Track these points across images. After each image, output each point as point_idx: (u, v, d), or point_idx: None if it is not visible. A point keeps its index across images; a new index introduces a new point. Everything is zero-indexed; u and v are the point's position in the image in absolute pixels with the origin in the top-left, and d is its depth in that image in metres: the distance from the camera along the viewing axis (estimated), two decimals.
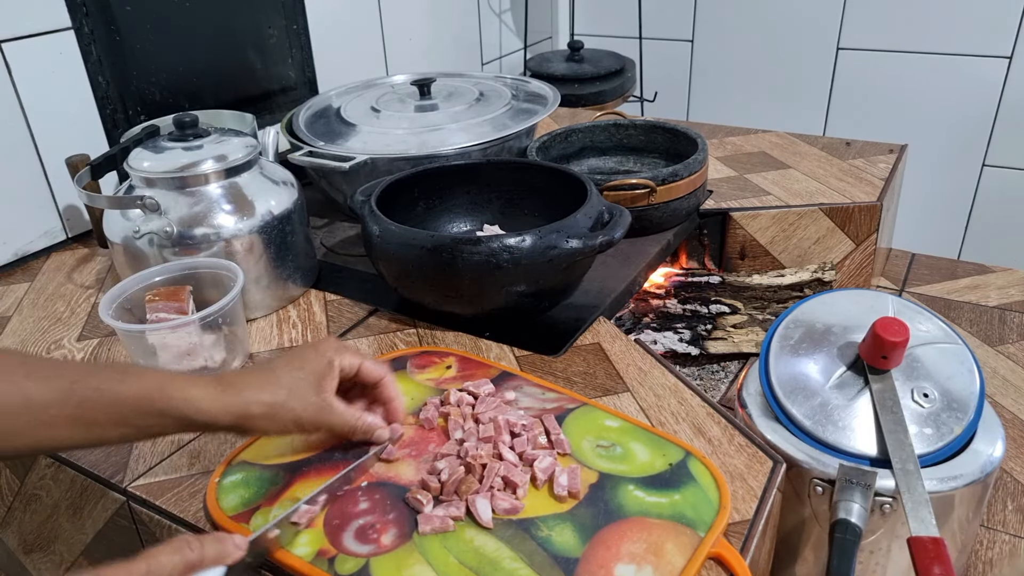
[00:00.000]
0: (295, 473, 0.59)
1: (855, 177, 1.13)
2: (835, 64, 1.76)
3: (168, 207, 0.78)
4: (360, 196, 0.84)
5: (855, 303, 0.73)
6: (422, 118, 1.06)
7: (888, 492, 0.61)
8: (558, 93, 1.13)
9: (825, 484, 0.63)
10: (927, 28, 1.63)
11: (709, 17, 1.86)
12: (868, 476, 0.61)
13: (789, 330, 0.72)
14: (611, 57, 1.80)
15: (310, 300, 0.88)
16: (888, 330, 0.64)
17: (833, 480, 0.62)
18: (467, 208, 0.94)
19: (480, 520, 0.54)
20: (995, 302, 1.09)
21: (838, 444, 0.64)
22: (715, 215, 1.06)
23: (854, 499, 0.61)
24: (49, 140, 0.99)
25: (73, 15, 0.98)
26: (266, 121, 1.20)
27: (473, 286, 0.75)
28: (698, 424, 0.66)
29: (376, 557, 0.52)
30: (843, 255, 1.07)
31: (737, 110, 1.91)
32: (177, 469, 0.63)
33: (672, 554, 0.51)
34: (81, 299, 0.92)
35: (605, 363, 0.74)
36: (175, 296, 0.73)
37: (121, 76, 1.05)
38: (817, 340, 0.70)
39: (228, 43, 1.17)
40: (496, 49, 1.84)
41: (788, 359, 0.69)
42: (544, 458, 0.58)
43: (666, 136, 1.10)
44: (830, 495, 0.63)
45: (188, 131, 0.83)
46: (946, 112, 1.68)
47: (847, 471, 0.61)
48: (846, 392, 0.66)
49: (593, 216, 0.78)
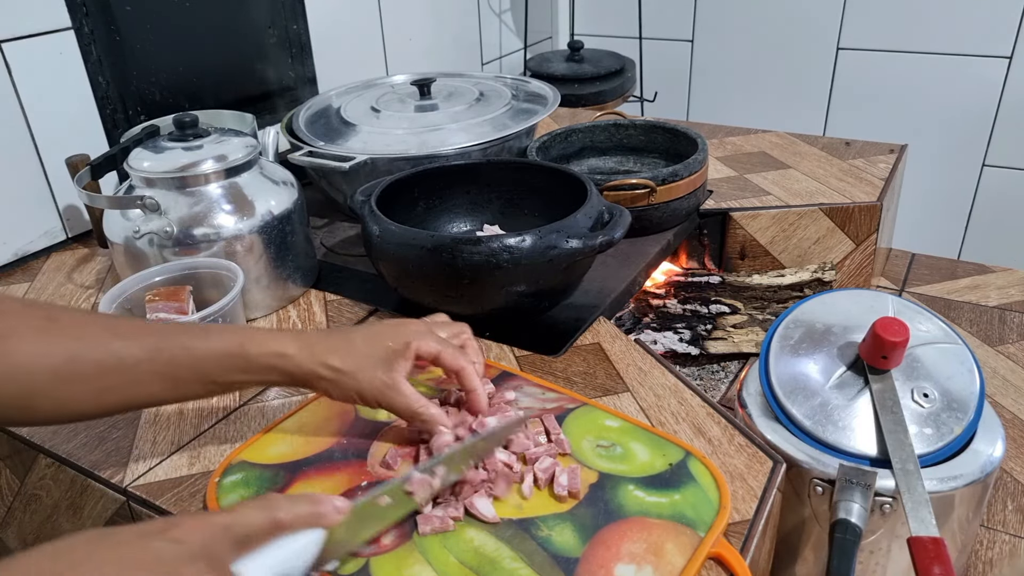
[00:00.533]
0: (295, 473, 0.59)
1: (855, 177, 1.13)
2: (835, 64, 1.76)
3: (168, 207, 0.78)
4: (360, 196, 0.84)
5: (855, 303, 0.73)
6: (422, 118, 1.06)
7: (888, 492, 0.61)
8: (558, 93, 1.13)
9: (825, 484, 0.63)
10: (927, 28, 1.63)
11: (709, 17, 1.86)
12: (868, 476, 0.61)
13: (789, 330, 0.72)
14: (611, 57, 1.80)
15: (310, 300, 0.88)
16: (888, 330, 0.64)
17: (833, 480, 0.62)
18: (467, 208, 0.94)
19: (485, 518, 0.54)
20: (995, 302, 1.09)
21: (838, 444, 0.64)
22: (715, 215, 1.06)
23: (854, 499, 0.61)
24: (49, 140, 0.99)
25: (73, 15, 0.98)
26: (266, 121, 1.20)
27: (473, 286, 0.75)
28: (698, 424, 0.66)
29: (376, 557, 0.52)
30: (843, 255, 1.07)
31: (737, 110, 1.91)
32: (177, 469, 0.63)
33: (672, 554, 0.51)
34: (81, 299, 0.92)
35: (605, 363, 0.74)
36: (175, 296, 0.73)
37: (121, 76, 1.05)
38: (817, 340, 0.70)
39: (228, 43, 1.17)
40: (496, 49, 1.84)
41: (788, 359, 0.69)
42: (544, 459, 0.58)
43: (666, 136, 1.10)
44: (830, 495, 0.63)
45: (188, 131, 0.83)
46: (946, 112, 1.68)
47: (847, 471, 0.61)
48: (846, 392, 0.66)
49: (593, 216, 0.78)
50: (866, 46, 1.71)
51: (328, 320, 0.84)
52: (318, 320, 0.84)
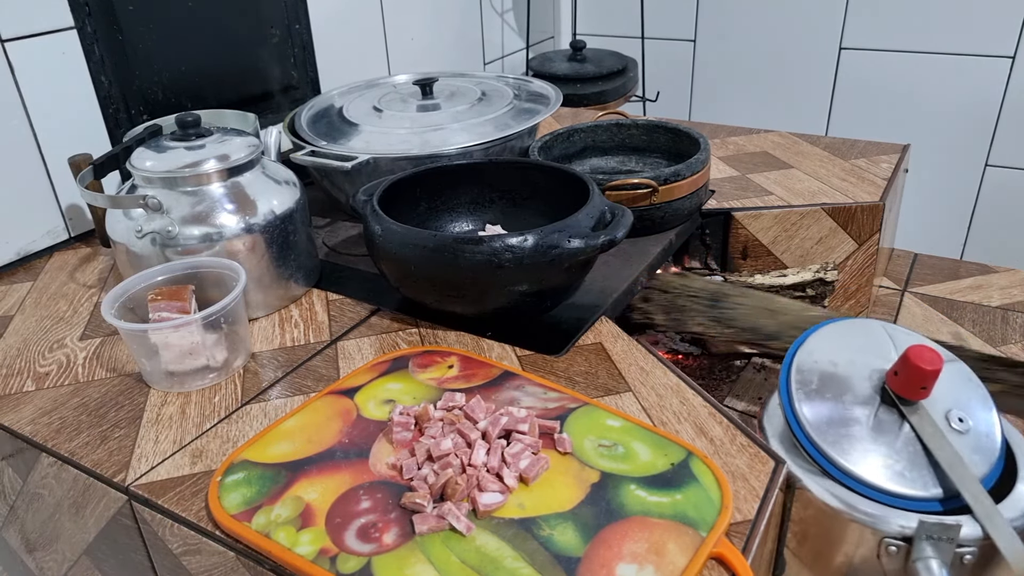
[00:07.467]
0: (297, 472, 0.59)
1: (857, 177, 1.13)
2: (837, 64, 1.76)
3: (170, 206, 0.79)
4: (362, 196, 0.84)
5: (848, 335, 0.70)
6: (424, 118, 1.06)
7: (968, 541, 0.56)
8: (560, 93, 1.13)
9: (899, 543, 0.57)
10: (930, 28, 1.63)
11: (711, 17, 1.86)
12: (952, 530, 0.55)
13: (804, 376, 0.67)
14: (613, 57, 1.80)
15: (312, 299, 0.89)
16: (924, 359, 0.60)
17: (909, 537, 0.57)
18: (469, 208, 0.94)
19: (483, 508, 0.54)
20: (998, 302, 1.09)
21: (903, 492, 0.58)
22: (717, 215, 1.06)
23: (935, 555, 0.55)
24: (52, 139, 0.99)
25: (76, 15, 0.98)
26: (268, 121, 1.20)
27: (475, 286, 0.75)
28: (700, 424, 0.66)
29: (378, 556, 0.52)
30: (846, 255, 1.07)
31: (739, 110, 1.91)
32: (179, 468, 0.64)
33: (674, 554, 0.51)
34: (83, 298, 0.92)
35: (607, 363, 0.74)
36: (177, 295, 0.73)
37: (124, 76, 1.05)
38: (839, 382, 0.66)
39: (230, 43, 1.18)
40: (498, 49, 1.84)
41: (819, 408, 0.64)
42: (525, 457, 0.58)
43: (668, 136, 1.10)
44: (905, 554, 0.57)
45: (190, 131, 0.83)
46: (949, 112, 1.68)
47: (928, 528, 0.55)
48: (888, 432, 0.61)
49: (595, 216, 0.78)
50: (869, 46, 1.71)
51: (330, 320, 0.84)
52: (320, 320, 0.84)
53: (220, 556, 0.57)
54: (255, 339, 0.81)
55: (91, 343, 0.82)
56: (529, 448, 0.59)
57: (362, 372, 0.72)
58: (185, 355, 0.71)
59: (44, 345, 0.82)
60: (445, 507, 0.54)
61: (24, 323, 0.87)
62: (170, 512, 0.60)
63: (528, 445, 0.59)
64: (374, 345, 0.79)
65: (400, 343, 0.79)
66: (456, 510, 0.54)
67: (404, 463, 0.59)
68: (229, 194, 0.81)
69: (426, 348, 0.76)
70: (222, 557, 0.57)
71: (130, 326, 0.70)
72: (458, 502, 0.55)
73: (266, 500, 0.57)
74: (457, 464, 0.58)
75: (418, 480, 0.57)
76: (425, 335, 0.80)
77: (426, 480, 0.57)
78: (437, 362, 0.73)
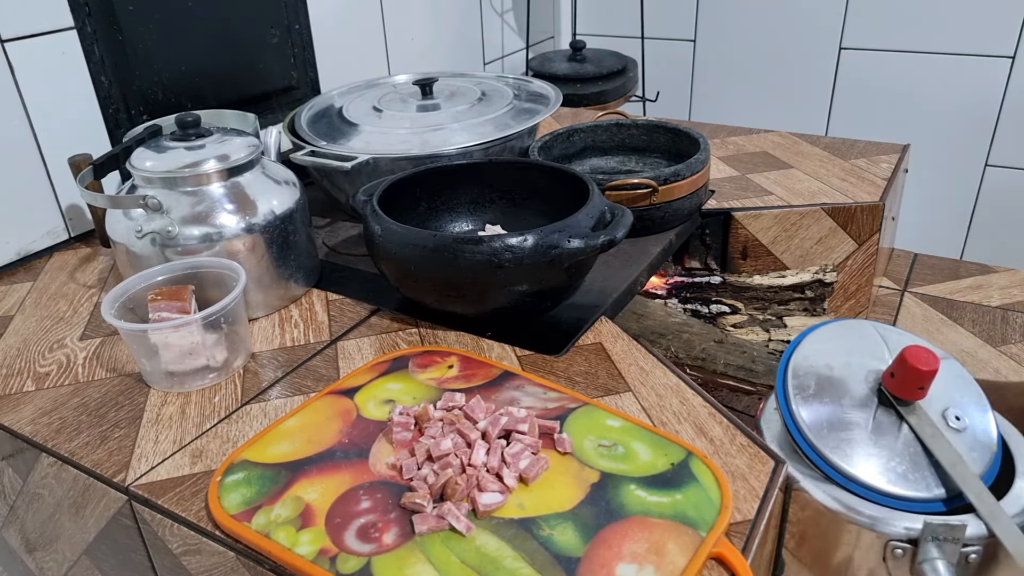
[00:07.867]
0: (297, 472, 0.59)
1: (857, 177, 1.13)
2: (837, 64, 1.76)
3: (170, 207, 0.79)
4: (362, 196, 0.84)
5: (840, 336, 0.70)
6: (424, 118, 1.06)
7: (973, 540, 0.56)
8: (560, 93, 1.13)
9: (905, 545, 0.58)
10: (930, 28, 1.63)
11: (711, 17, 1.86)
12: (957, 530, 0.55)
13: (801, 380, 0.67)
14: (613, 57, 1.80)
15: (312, 300, 0.89)
16: (921, 360, 0.61)
17: (914, 539, 0.57)
18: (469, 208, 0.94)
19: (482, 508, 0.54)
20: (998, 302, 1.09)
21: (906, 494, 0.58)
22: (717, 215, 1.06)
23: (941, 556, 0.55)
24: (52, 140, 0.99)
25: (76, 15, 0.98)
26: (268, 121, 1.20)
27: (475, 286, 0.75)
28: (700, 424, 0.66)
29: (378, 556, 0.52)
30: (845, 255, 1.07)
31: (739, 110, 1.91)
32: (179, 468, 0.64)
33: (674, 554, 0.51)
34: (83, 298, 0.92)
35: (607, 363, 0.74)
36: (177, 295, 0.73)
37: (123, 76, 1.05)
38: (835, 385, 0.66)
39: (230, 43, 1.18)
40: (498, 49, 1.84)
41: (817, 411, 0.65)
42: (525, 457, 0.58)
43: (668, 136, 1.10)
44: (911, 556, 0.57)
45: (190, 131, 0.83)
46: (949, 112, 1.68)
47: (933, 529, 0.55)
48: (887, 434, 0.62)
49: (595, 216, 0.78)
50: (868, 46, 1.71)
51: (330, 320, 0.84)
52: (320, 320, 0.84)
53: (220, 556, 0.57)
54: (255, 339, 0.81)
55: (91, 343, 0.82)
56: (529, 448, 0.59)
57: (362, 372, 0.72)
58: (185, 355, 0.71)
59: (44, 345, 0.83)
60: (445, 507, 0.54)
61: (24, 323, 0.87)
62: (170, 512, 0.60)
63: (528, 445, 0.59)
64: (374, 345, 0.79)
65: (400, 343, 0.79)
66: (456, 510, 0.54)
67: (404, 463, 0.59)
68: (229, 194, 0.81)
69: (426, 348, 0.76)
70: (222, 557, 0.57)
71: (130, 326, 0.70)
72: (458, 502, 0.55)
73: (266, 500, 0.57)
74: (457, 464, 0.58)
75: (418, 480, 0.57)
76: (425, 335, 0.80)
77: (426, 480, 0.57)
78: (437, 362, 0.73)
